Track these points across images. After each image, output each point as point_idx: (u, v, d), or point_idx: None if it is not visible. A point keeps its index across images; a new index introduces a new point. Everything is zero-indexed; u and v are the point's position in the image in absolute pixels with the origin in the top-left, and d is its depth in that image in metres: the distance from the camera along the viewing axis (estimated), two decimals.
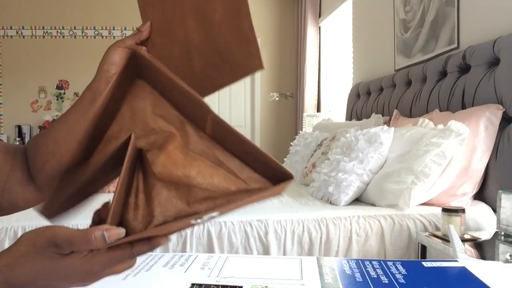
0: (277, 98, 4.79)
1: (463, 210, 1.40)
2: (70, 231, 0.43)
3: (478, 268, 0.56)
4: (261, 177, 0.48)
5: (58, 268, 0.45)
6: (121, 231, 0.44)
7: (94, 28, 5.04)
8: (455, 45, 2.19)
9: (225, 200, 0.47)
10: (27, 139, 4.95)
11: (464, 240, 1.36)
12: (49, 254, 0.44)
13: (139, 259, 0.63)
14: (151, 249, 0.47)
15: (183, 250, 1.48)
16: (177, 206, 0.47)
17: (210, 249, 1.49)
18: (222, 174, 0.49)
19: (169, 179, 0.47)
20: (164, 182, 0.48)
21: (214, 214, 0.45)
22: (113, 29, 5.05)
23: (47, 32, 4.99)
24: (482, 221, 1.60)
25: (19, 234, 1.44)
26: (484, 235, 1.47)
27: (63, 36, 5.02)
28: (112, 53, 0.64)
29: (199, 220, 0.45)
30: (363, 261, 0.60)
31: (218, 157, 0.50)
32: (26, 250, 0.45)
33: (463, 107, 1.91)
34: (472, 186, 1.69)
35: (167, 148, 0.49)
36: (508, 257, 1.20)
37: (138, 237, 0.45)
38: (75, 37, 5.03)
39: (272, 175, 0.48)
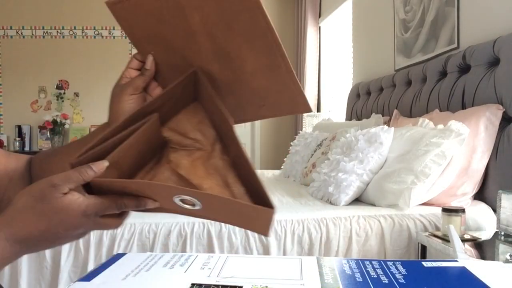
0: None
1: (463, 210, 1.40)
2: (64, 172, 0.49)
3: (478, 268, 0.56)
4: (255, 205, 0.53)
5: (57, 211, 0.48)
6: (106, 163, 0.50)
7: (94, 28, 5.04)
8: (455, 45, 2.20)
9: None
10: (27, 139, 4.96)
11: (464, 240, 1.36)
12: (48, 196, 0.48)
13: (139, 259, 0.63)
14: (138, 206, 0.51)
15: (183, 250, 1.48)
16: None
17: (210, 249, 1.49)
18: (226, 195, 0.55)
19: (184, 180, 0.56)
20: (177, 176, 0.57)
21: (195, 200, 0.49)
22: (113, 29, 5.05)
23: (47, 32, 4.99)
24: (482, 221, 1.60)
25: None
26: (484, 235, 1.47)
27: (63, 36, 5.02)
28: (124, 103, 0.65)
29: (181, 197, 0.49)
30: (363, 261, 0.60)
31: (228, 180, 0.57)
32: (23, 203, 0.49)
33: (463, 107, 1.91)
34: (472, 186, 1.69)
35: (194, 155, 0.58)
36: (508, 257, 1.20)
37: (124, 181, 0.50)
38: (75, 37, 5.03)
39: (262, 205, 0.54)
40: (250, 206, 0.50)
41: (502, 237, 1.35)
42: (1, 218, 0.49)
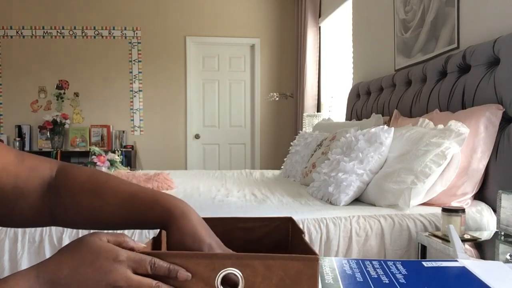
0: (277, 98, 4.79)
1: (463, 210, 1.40)
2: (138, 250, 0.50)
3: (478, 267, 0.56)
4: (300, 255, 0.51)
5: (91, 251, 0.48)
6: (189, 276, 0.49)
7: (94, 28, 5.04)
8: (455, 45, 2.19)
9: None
10: (27, 139, 4.95)
11: (464, 240, 1.36)
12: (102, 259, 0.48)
13: None
14: (170, 271, 0.49)
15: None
16: None
17: None
18: None
19: None
20: None
21: (239, 274, 0.48)
22: (113, 29, 5.05)
23: (47, 32, 4.99)
24: (482, 221, 1.60)
25: (19, 234, 1.44)
26: (484, 235, 1.47)
27: (63, 36, 5.01)
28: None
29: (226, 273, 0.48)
30: (363, 261, 0.60)
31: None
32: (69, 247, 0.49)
33: (463, 107, 1.91)
34: (472, 186, 1.69)
35: None
36: (508, 257, 1.20)
37: (169, 253, 0.50)
38: (75, 37, 5.03)
39: None
40: (295, 257, 0.47)
41: (502, 237, 1.35)
42: (46, 260, 0.49)
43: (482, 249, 1.36)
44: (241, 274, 0.47)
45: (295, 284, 0.47)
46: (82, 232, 1.46)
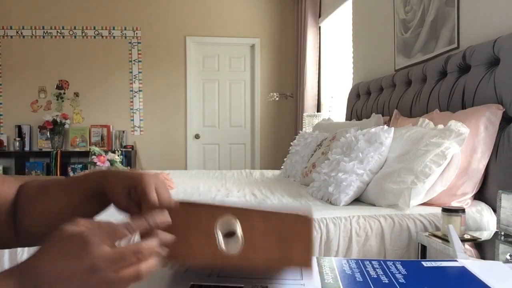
0: (277, 98, 4.79)
1: (463, 210, 1.40)
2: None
3: (478, 267, 0.56)
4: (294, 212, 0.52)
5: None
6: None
7: (94, 28, 5.04)
8: (455, 45, 2.19)
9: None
10: (27, 139, 4.95)
11: (464, 240, 1.36)
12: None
13: None
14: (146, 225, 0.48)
15: None
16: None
17: None
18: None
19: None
20: None
21: (238, 227, 0.48)
22: (113, 29, 5.05)
23: (47, 32, 4.99)
24: (482, 221, 1.60)
25: None
26: (484, 235, 1.47)
27: (63, 36, 5.02)
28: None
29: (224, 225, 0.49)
30: (363, 261, 0.60)
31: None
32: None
33: (463, 107, 1.91)
34: (472, 186, 1.69)
35: None
36: (508, 257, 1.20)
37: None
38: (75, 37, 5.03)
39: None
40: (291, 215, 0.48)
41: (502, 237, 1.35)
42: (27, 259, 0.46)
43: (482, 249, 1.36)
44: (240, 224, 0.48)
45: (289, 237, 0.48)
46: None
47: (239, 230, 0.48)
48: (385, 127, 1.87)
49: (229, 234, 0.49)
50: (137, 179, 0.57)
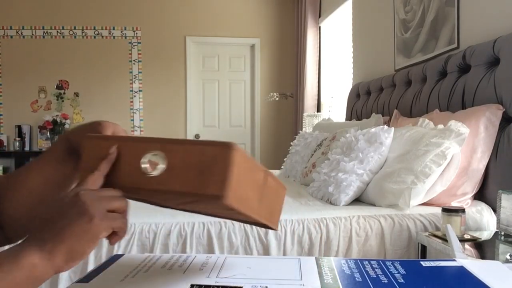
0: (277, 98, 4.79)
1: (463, 210, 1.40)
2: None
3: (476, 267, 0.56)
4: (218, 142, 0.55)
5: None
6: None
7: (94, 28, 5.04)
8: (455, 45, 2.19)
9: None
10: (27, 139, 4.95)
11: (464, 240, 1.36)
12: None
13: (138, 260, 0.63)
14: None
15: (183, 250, 1.48)
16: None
17: (210, 249, 1.49)
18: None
19: None
20: None
21: (162, 158, 0.53)
22: (113, 29, 5.05)
23: (47, 32, 4.99)
24: (482, 221, 1.60)
25: None
26: (484, 235, 1.47)
27: (63, 36, 5.02)
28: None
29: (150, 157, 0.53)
30: (362, 261, 0.60)
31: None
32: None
33: (463, 107, 1.91)
34: (472, 186, 1.69)
35: None
36: (508, 257, 1.20)
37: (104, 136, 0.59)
38: (75, 37, 5.03)
39: None
40: (212, 143, 0.52)
41: (502, 237, 1.35)
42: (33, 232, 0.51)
43: (482, 249, 1.36)
44: (164, 155, 0.53)
45: (210, 166, 0.51)
46: None
47: (162, 160, 0.53)
48: (385, 127, 1.87)
49: (154, 163, 0.53)
50: (96, 125, 0.63)
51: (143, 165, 0.53)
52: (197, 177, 0.51)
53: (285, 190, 0.69)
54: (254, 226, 1.53)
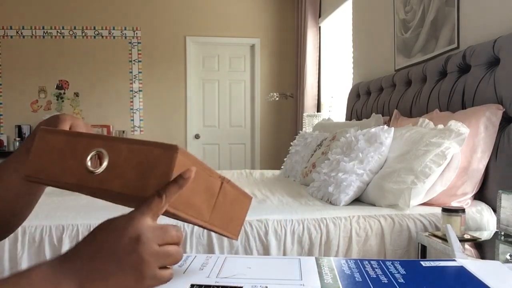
0: (277, 98, 4.79)
1: (463, 210, 1.40)
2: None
3: (476, 267, 0.56)
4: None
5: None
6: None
7: (94, 28, 5.04)
8: (455, 45, 2.19)
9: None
10: None
11: (464, 240, 1.36)
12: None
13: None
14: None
15: (183, 250, 1.48)
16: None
17: (210, 249, 1.49)
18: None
19: None
20: None
21: (105, 153, 0.52)
22: (113, 29, 5.05)
23: (47, 32, 4.98)
24: (482, 221, 1.60)
25: (19, 234, 1.44)
26: (484, 235, 1.47)
27: (63, 36, 5.01)
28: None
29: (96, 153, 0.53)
30: (362, 261, 0.60)
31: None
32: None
33: (463, 107, 1.91)
34: (472, 186, 1.69)
35: None
36: (508, 257, 1.20)
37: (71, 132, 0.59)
38: (75, 37, 5.03)
39: None
40: (156, 144, 0.51)
41: (502, 237, 1.35)
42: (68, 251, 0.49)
43: (482, 249, 1.36)
44: (107, 153, 0.52)
45: (152, 167, 0.50)
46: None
47: (105, 157, 0.52)
48: (385, 127, 1.87)
49: (97, 161, 0.53)
50: (55, 118, 0.64)
51: (87, 162, 0.52)
52: (138, 179, 0.50)
53: (250, 199, 0.67)
54: (254, 226, 1.53)
